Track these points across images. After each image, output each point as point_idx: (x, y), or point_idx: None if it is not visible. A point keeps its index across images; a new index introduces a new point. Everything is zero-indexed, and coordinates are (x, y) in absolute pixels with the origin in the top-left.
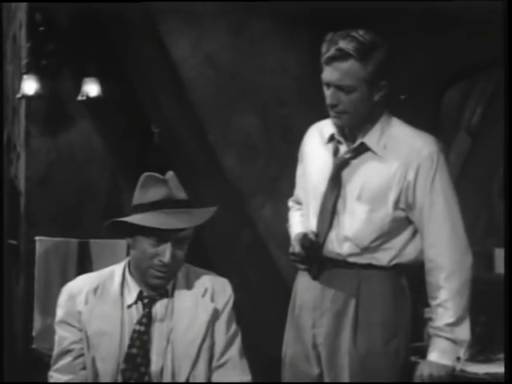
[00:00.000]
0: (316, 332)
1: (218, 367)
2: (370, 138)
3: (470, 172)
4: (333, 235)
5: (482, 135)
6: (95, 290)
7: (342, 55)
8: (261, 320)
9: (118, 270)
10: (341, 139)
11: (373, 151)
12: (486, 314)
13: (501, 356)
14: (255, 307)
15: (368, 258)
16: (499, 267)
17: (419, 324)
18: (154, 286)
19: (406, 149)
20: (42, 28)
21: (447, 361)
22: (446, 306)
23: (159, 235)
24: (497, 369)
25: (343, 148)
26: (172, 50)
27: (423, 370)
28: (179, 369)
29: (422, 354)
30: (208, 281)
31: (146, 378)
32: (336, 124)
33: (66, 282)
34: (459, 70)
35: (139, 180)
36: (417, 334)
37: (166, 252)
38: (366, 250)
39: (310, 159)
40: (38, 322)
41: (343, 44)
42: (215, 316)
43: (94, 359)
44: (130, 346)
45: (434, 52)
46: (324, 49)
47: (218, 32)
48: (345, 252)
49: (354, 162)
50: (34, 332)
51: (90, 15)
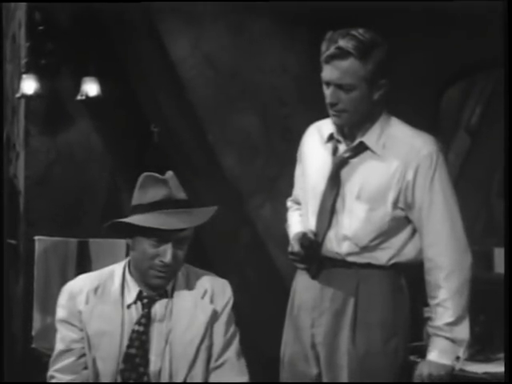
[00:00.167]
0: (315, 331)
1: (216, 368)
2: (370, 137)
3: (470, 171)
4: (332, 234)
5: (481, 135)
6: (96, 290)
7: (341, 54)
8: (260, 319)
9: (118, 269)
10: (340, 138)
11: (372, 150)
12: (485, 313)
13: (500, 355)
14: (254, 307)
15: (367, 258)
16: (499, 267)
17: (419, 323)
18: (155, 286)
19: (406, 148)
20: (41, 27)
21: (446, 360)
22: (446, 306)
23: (160, 236)
24: (496, 368)
25: (342, 147)
26: (171, 49)
27: (423, 370)
28: (177, 369)
29: (422, 353)
30: (208, 282)
31: (145, 379)
32: (335, 123)
33: (65, 281)
34: (459, 70)
35: (138, 180)
36: (416, 334)
37: (167, 252)
38: (365, 249)
39: (309, 158)
40: (37, 322)
41: (343, 42)
42: (214, 317)
43: (94, 359)
44: (129, 346)
45: (433, 51)
46: (324, 47)
47: (217, 32)
48: (344, 251)
49: (353, 161)
50: (34, 332)
51: (90, 15)
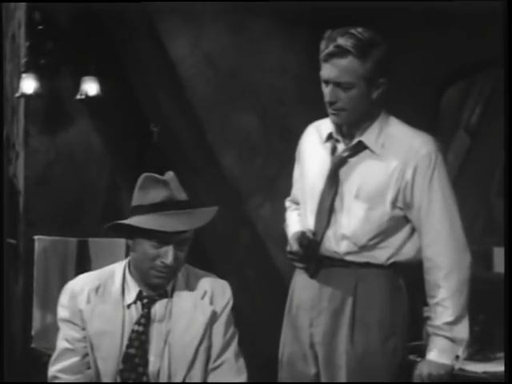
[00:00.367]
0: (313, 331)
1: (214, 369)
2: (368, 137)
3: (469, 171)
4: (330, 234)
5: (480, 134)
6: (97, 290)
7: (340, 52)
8: (259, 319)
9: (118, 269)
10: (339, 138)
11: (371, 150)
12: (484, 312)
13: (500, 355)
14: (254, 306)
15: (365, 257)
16: (498, 266)
17: (418, 323)
18: (155, 286)
19: (404, 148)
20: (40, 27)
21: (446, 360)
22: (445, 305)
23: (160, 237)
24: (496, 367)
25: (341, 146)
26: (171, 48)
27: (422, 369)
28: (175, 370)
29: (421, 352)
30: (208, 283)
31: (144, 379)
32: (334, 121)
33: (65, 281)
34: (458, 69)
35: (138, 181)
36: (416, 333)
37: (169, 254)
38: (364, 248)
39: (307, 158)
40: (37, 322)
41: (342, 41)
42: (213, 318)
43: (95, 359)
44: (129, 346)
45: (433, 51)
46: (323, 46)
47: (217, 31)
48: (342, 250)
49: (352, 160)
50: (33, 331)
51: (89, 14)
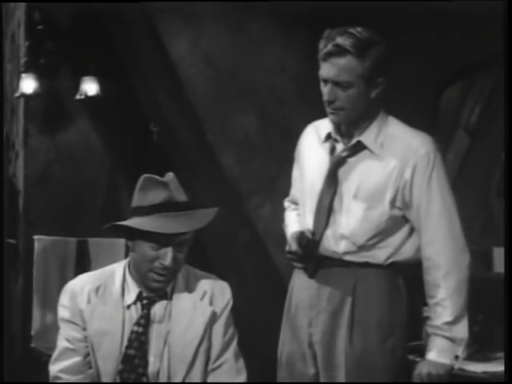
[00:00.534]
0: (312, 331)
1: (214, 369)
2: (367, 137)
3: (469, 171)
4: (329, 233)
5: (480, 134)
6: (97, 290)
7: (339, 51)
8: (258, 319)
9: (118, 269)
10: (337, 138)
11: (369, 149)
12: (484, 312)
13: (499, 355)
14: (253, 306)
15: (364, 257)
16: (498, 266)
17: (417, 323)
18: (154, 289)
19: (403, 147)
20: (40, 27)
21: (445, 359)
22: (444, 305)
23: (159, 239)
24: (495, 367)
25: (340, 146)
26: (171, 48)
27: (422, 369)
28: (175, 371)
29: (421, 352)
30: (207, 284)
31: (144, 380)
32: (333, 120)
33: (64, 280)
34: (458, 69)
35: (138, 181)
36: (415, 333)
37: (168, 255)
38: (363, 248)
39: (306, 158)
40: (36, 321)
41: (341, 40)
42: (213, 319)
43: (95, 359)
44: (128, 347)
45: (432, 51)
46: (321, 45)
47: (217, 31)
48: (341, 250)
49: (351, 160)
50: (33, 331)
51: (89, 14)
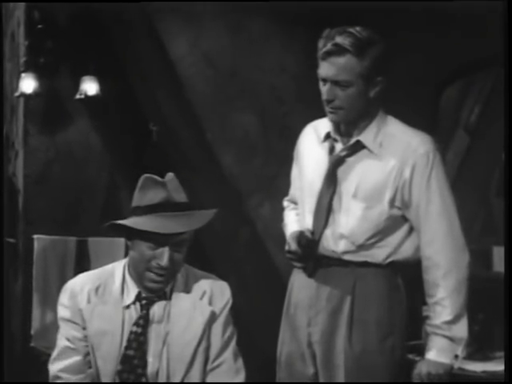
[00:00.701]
0: (311, 330)
1: (213, 369)
2: (366, 136)
3: (468, 170)
4: (328, 233)
5: (480, 134)
6: (97, 289)
7: (338, 50)
8: (258, 318)
9: (118, 269)
10: (337, 137)
11: (369, 149)
12: (484, 312)
13: (499, 354)
14: (253, 305)
15: (363, 256)
16: (497, 265)
17: (417, 322)
18: (152, 290)
19: (402, 147)
20: (40, 26)
21: (445, 359)
22: (444, 304)
23: (157, 239)
24: (495, 367)
25: (339, 146)
26: (170, 48)
27: (421, 369)
28: (174, 371)
29: (420, 352)
30: (207, 284)
31: (143, 380)
32: (332, 120)
33: (64, 280)
34: (458, 69)
35: (138, 181)
36: (415, 333)
37: (164, 255)
38: (362, 247)
39: (305, 157)
40: (36, 321)
41: (340, 39)
42: (212, 319)
43: (95, 359)
44: (127, 348)
45: (432, 51)
46: (321, 44)
47: (216, 31)
48: (340, 249)
49: (350, 159)
50: (33, 330)
51: (89, 14)
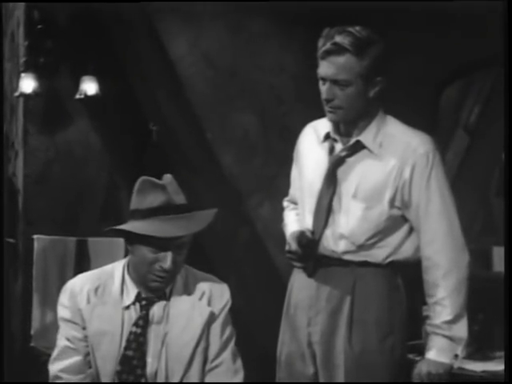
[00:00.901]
0: (311, 330)
1: (211, 369)
2: (366, 136)
3: (468, 170)
4: (328, 233)
5: (480, 134)
6: (96, 290)
7: (338, 49)
8: (258, 318)
9: (117, 269)
10: (336, 137)
11: (368, 149)
12: (484, 311)
13: (499, 354)
14: (252, 305)
15: (363, 256)
16: (497, 265)
17: (417, 322)
18: (154, 289)
19: (402, 147)
20: (40, 26)
21: (445, 358)
22: (444, 304)
23: (158, 243)
24: (495, 367)
25: (339, 146)
26: (170, 48)
27: (421, 368)
28: (172, 371)
29: (420, 351)
30: (206, 285)
31: (143, 380)
32: (331, 119)
33: (64, 280)
34: (457, 69)
35: (136, 184)
36: (415, 332)
37: (167, 259)
38: (362, 247)
39: (305, 158)
40: (36, 321)
41: (339, 39)
42: (211, 319)
43: (95, 359)
44: (127, 348)
45: (432, 51)
46: (320, 43)
47: (216, 31)
48: (340, 249)
49: (350, 159)
50: (33, 330)
51: (89, 14)
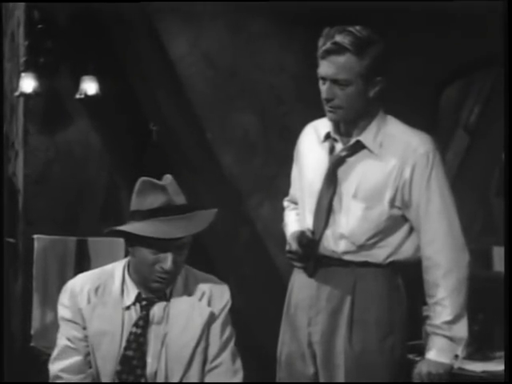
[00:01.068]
0: (311, 330)
1: (211, 370)
2: (366, 136)
3: (468, 170)
4: (329, 233)
5: (480, 133)
6: (96, 290)
7: (338, 49)
8: (258, 318)
9: (118, 270)
10: (336, 137)
11: (369, 149)
12: (484, 312)
13: (499, 354)
14: (252, 305)
15: (364, 256)
16: (497, 265)
17: (417, 322)
18: (154, 290)
19: (402, 147)
20: (40, 26)
21: (445, 359)
22: (444, 304)
23: (159, 244)
24: (495, 367)
25: (339, 146)
26: (170, 48)
27: (421, 368)
28: (172, 371)
29: (420, 352)
30: (206, 285)
31: (142, 381)
32: (331, 119)
33: (64, 280)
34: (457, 69)
35: (136, 185)
36: (415, 332)
37: (168, 260)
38: (362, 247)
39: (305, 157)
40: (36, 321)
41: (340, 38)
42: (211, 320)
43: (95, 359)
44: (126, 348)
45: (432, 51)
46: (320, 43)
47: (216, 31)
48: (340, 250)
49: (350, 159)
50: (33, 330)
51: (89, 14)
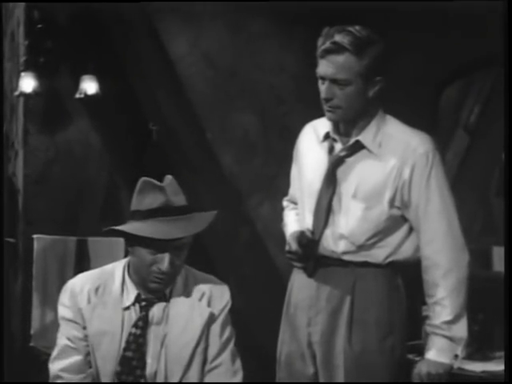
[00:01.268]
0: (311, 330)
1: (211, 370)
2: (366, 136)
3: (468, 170)
4: (328, 233)
5: (480, 133)
6: (96, 290)
7: (337, 48)
8: (258, 318)
9: (118, 270)
10: (336, 137)
11: (368, 149)
12: (484, 312)
13: (499, 354)
14: (252, 305)
15: (363, 256)
16: (497, 265)
17: (417, 322)
18: (153, 290)
19: (402, 147)
20: (40, 26)
21: (445, 359)
22: (443, 304)
23: (157, 244)
24: (495, 367)
25: (338, 146)
26: (170, 48)
27: (421, 368)
28: (172, 372)
29: (420, 352)
30: (206, 285)
31: (142, 381)
32: (330, 118)
33: (64, 280)
34: (457, 69)
35: (137, 185)
36: (414, 332)
37: (165, 260)
38: (362, 247)
39: (305, 157)
40: (36, 321)
41: (339, 38)
42: (211, 320)
43: (95, 359)
44: (126, 349)
45: (432, 50)
46: (320, 42)
47: (216, 31)
48: (340, 250)
49: (350, 159)
50: (32, 330)
51: (89, 13)
